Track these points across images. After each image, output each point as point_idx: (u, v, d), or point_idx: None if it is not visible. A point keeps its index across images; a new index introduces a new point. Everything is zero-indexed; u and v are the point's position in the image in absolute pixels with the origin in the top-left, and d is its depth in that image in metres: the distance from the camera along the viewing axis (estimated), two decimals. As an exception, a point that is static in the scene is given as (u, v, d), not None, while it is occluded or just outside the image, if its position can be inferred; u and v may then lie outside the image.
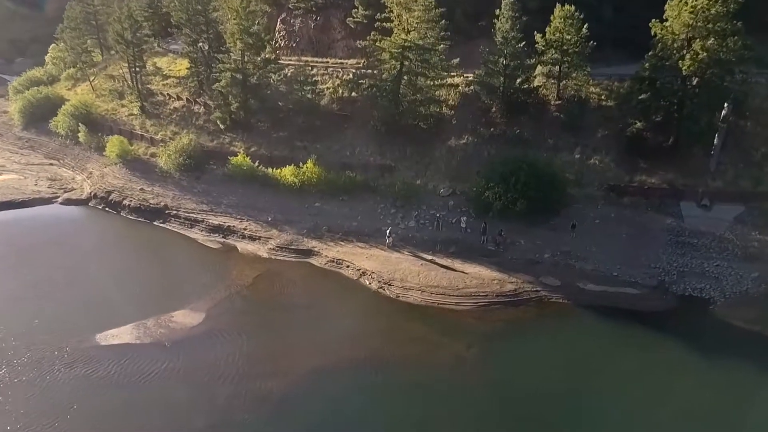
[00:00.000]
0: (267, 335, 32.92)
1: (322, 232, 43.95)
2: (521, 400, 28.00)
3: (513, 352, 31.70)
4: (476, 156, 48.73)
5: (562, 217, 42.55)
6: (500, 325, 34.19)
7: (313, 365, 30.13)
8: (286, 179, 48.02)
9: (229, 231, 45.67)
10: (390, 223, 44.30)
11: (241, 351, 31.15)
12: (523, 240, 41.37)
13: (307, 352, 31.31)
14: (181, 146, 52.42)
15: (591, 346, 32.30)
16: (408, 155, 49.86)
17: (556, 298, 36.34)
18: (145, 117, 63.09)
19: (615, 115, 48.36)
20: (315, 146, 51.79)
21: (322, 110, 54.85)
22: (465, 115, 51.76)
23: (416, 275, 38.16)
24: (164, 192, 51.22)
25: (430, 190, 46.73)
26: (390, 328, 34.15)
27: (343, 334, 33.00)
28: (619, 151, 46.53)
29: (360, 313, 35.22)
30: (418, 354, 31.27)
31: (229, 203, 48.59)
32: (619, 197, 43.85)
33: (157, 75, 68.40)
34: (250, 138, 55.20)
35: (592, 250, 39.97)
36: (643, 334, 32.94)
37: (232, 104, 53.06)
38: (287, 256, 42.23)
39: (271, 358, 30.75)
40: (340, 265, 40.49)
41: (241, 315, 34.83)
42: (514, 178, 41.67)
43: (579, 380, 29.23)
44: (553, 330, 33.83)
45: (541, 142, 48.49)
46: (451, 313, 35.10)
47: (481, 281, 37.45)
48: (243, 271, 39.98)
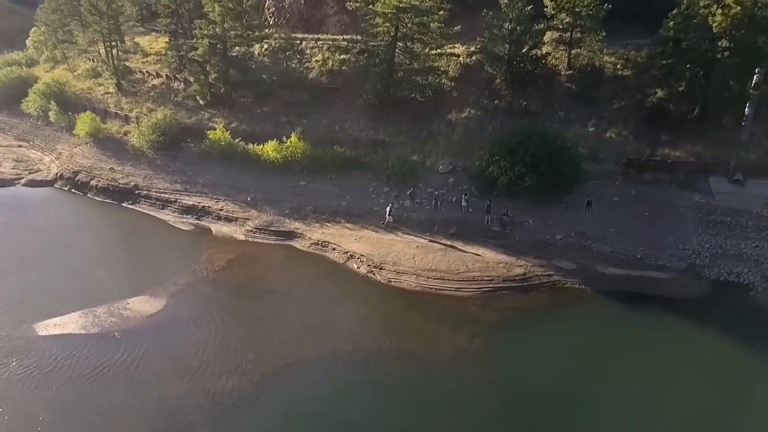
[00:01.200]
0: (234, 325, 28.19)
1: (307, 212, 39.24)
2: (532, 401, 23.37)
3: (523, 345, 27.01)
4: (479, 130, 44.02)
5: (576, 195, 37.77)
6: (507, 313, 29.49)
7: (286, 360, 25.45)
8: (267, 155, 43.31)
9: (204, 212, 40.98)
10: (383, 202, 39.54)
11: (202, 343, 26.45)
12: (531, 220, 36.62)
13: (280, 344, 26.65)
14: (154, 122, 47.68)
15: (613, 337, 27.61)
16: (403, 130, 45.14)
17: (571, 283, 31.61)
18: (121, 95, 58.44)
19: (632, 84, 43.68)
20: (301, 121, 47.07)
21: (311, 83, 50.14)
22: (467, 87, 47.03)
23: (411, 258, 33.45)
24: (135, 171, 46.54)
25: (428, 167, 41.99)
26: (380, 316, 29.44)
27: (325, 323, 28.32)
28: (638, 123, 41.87)
29: (345, 300, 30.48)
30: (413, 347, 26.60)
31: (205, 182, 43.90)
32: (640, 173, 39.11)
33: (137, 53, 63.79)
34: (232, 114, 50.51)
35: (610, 230, 35.20)
36: (673, 324, 28.19)
37: (211, 74, 48.27)
38: (266, 238, 37.51)
39: (235, 351, 25.98)
40: (325, 248, 35.77)
41: (207, 302, 30.10)
42: (522, 150, 36.91)
43: (599, 378, 24.61)
44: (569, 319, 29.12)
45: (550, 114, 43.79)
46: (450, 300, 30.41)
47: (485, 264, 32.74)
48: (215, 255, 35.25)
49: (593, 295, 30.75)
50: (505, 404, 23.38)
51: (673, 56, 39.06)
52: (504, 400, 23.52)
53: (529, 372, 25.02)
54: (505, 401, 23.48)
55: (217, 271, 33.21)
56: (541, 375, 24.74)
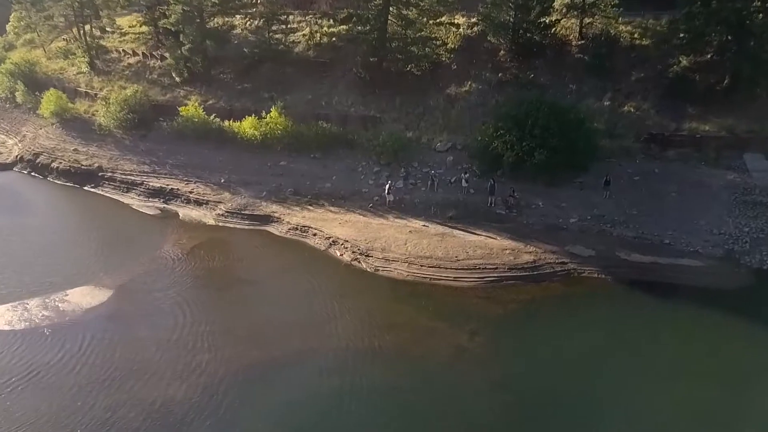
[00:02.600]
0: (190, 320, 23.63)
1: (286, 194, 34.72)
2: (542, 409, 19.01)
3: (532, 344, 22.49)
4: (481, 105, 39.43)
5: (591, 174, 33.15)
6: (514, 306, 24.95)
7: (249, 362, 20.98)
8: (244, 133, 38.80)
9: (172, 195, 36.49)
10: (372, 183, 35.04)
11: (147, 341, 22.03)
12: (541, 201, 32.06)
13: (244, 343, 22.15)
14: (122, 99, 43.16)
15: (639, 335, 23.07)
16: (397, 105, 40.56)
17: (589, 272, 27.06)
18: (94, 74, 53.93)
19: (652, 54, 39.11)
20: (285, 97, 42.45)
21: (296, 57, 45.62)
22: (467, 59, 42.43)
23: (402, 244, 28.94)
24: (101, 152, 42.07)
25: (424, 145, 37.42)
26: (364, 310, 24.88)
27: (299, 319, 23.84)
28: (660, 95, 37.23)
29: (324, 291, 25.96)
30: (403, 346, 22.16)
31: (176, 163, 39.40)
32: (663, 149, 34.50)
33: (114, 32, 59.39)
34: (210, 91, 45.85)
35: (632, 212, 30.63)
36: (708, 320, 23.66)
37: (185, 45, 43.74)
38: (239, 223, 33.01)
39: (188, 352, 21.50)
40: (305, 233, 31.26)
41: (160, 293, 25.59)
42: (530, 122, 32.32)
43: (622, 383, 20.12)
44: (587, 313, 24.59)
45: (560, 87, 39.17)
46: (448, 291, 25.90)
47: (489, 251, 28.20)
48: (178, 241, 30.79)
49: (615, 286, 26.19)
50: (509, 413, 18.89)
51: (701, 17, 34.45)
52: (508, 409, 19.02)
53: (540, 376, 20.52)
54: (509, 410, 18.98)
55: (179, 259, 28.72)
56: (554, 379, 20.24)
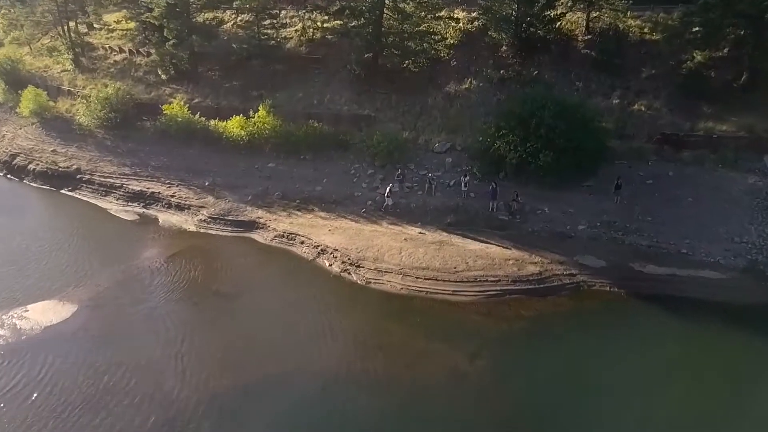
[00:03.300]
0: (160, 340, 21.37)
1: (273, 198, 32.46)
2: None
3: (540, 368, 20.21)
4: (482, 104, 37.16)
5: (600, 177, 30.93)
6: (519, 325, 22.69)
7: (221, 388, 18.70)
8: (231, 133, 36.53)
9: (152, 199, 34.21)
10: (365, 187, 32.79)
11: (112, 365, 19.76)
12: (547, 207, 29.79)
13: (217, 367, 19.87)
14: (103, 97, 40.90)
15: (658, 356, 20.89)
16: (393, 104, 38.29)
17: (600, 285, 24.80)
18: (78, 72, 51.70)
19: (663, 50, 36.84)
20: (275, 95, 40.21)
21: (287, 53, 43.34)
22: (468, 55, 40.17)
23: (397, 253, 26.66)
24: (80, 153, 39.80)
25: (421, 146, 35.15)
26: (353, 328, 22.56)
27: (279, 338, 21.58)
28: (673, 93, 34.96)
29: (309, 306, 23.68)
30: (394, 370, 19.91)
31: (158, 165, 37.12)
32: (677, 151, 32.22)
33: (102, 29, 57.24)
34: (197, 89, 43.62)
35: (646, 219, 28.37)
36: (734, 339, 21.51)
37: (169, 40, 41.47)
38: (221, 229, 30.74)
39: (155, 377, 19.23)
40: (291, 241, 28.98)
41: (131, 309, 23.32)
42: (535, 122, 30.06)
43: (642, 411, 17.88)
44: (600, 332, 22.28)
45: (566, 85, 36.88)
46: (446, 306, 23.62)
47: (490, 261, 25.92)
48: (155, 249, 28.53)
49: (629, 301, 23.95)
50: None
51: (718, 9, 32.17)
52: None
53: (548, 406, 18.28)
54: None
55: (153, 270, 26.44)
56: (564, 410, 18.00)
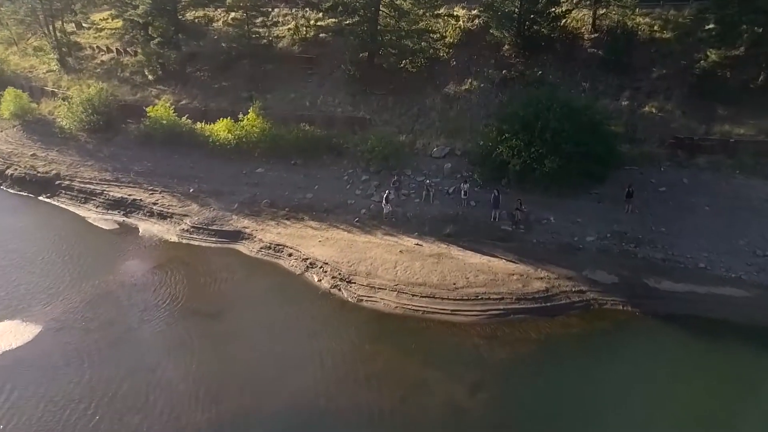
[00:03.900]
0: (128, 368, 19.37)
1: (261, 207, 30.49)
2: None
3: (548, 399, 18.20)
4: (483, 105, 35.23)
5: (610, 185, 28.95)
6: (525, 349, 20.67)
7: (189, 425, 16.66)
8: (218, 136, 34.57)
9: (134, 206, 32.22)
10: (359, 194, 30.81)
11: (74, 397, 17.79)
12: (553, 216, 27.82)
13: (187, 399, 17.87)
14: (85, 98, 38.96)
15: (678, 383, 18.90)
16: (390, 106, 36.36)
17: (612, 303, 22.79)
18: (63, 72, 49.79)
19: (675, 49, 34.94)
20: (265, 97, 38.28)
21: (280, 53, 41.44)
22: (468, 54, 38.22)
23: (391, 267, 24.67)
24: (61, 158, 37.83)
25: (419, 150, 33.20)
26: (341, 354, 20.53)
27: (258, 365, 19.56)
28: (685, 95, 33.02)
29: (293, 328, 21.68)
30: (385, 404, 17.90)
31: (141, 170, 35.15)
32: (692, 156, 30.26)
33: (90, 28, 55.36)
34: (185, 91, 41.73)
35: (659, 230, 26.37)
36: (761, 365, 19.45)
37: (154, 38, 39.52)
38: (205, 239, 28.74)
39: (117, 411, 17.22)
40: (279, 253, 26.98)
41: (99, 332, 21.29)
42: (540, 125, 28.09)
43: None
44: (613, 357, 20.30)
45: (572, 86, 34.91)
46: (444, 328, 21.61)
47: (493, 276, 23.91)
48: (133, 263, 26.52)
49: (644, 321, 21.93)
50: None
51: (734, 5, 30.22)
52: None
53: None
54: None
55: (128, 285, 24.44)
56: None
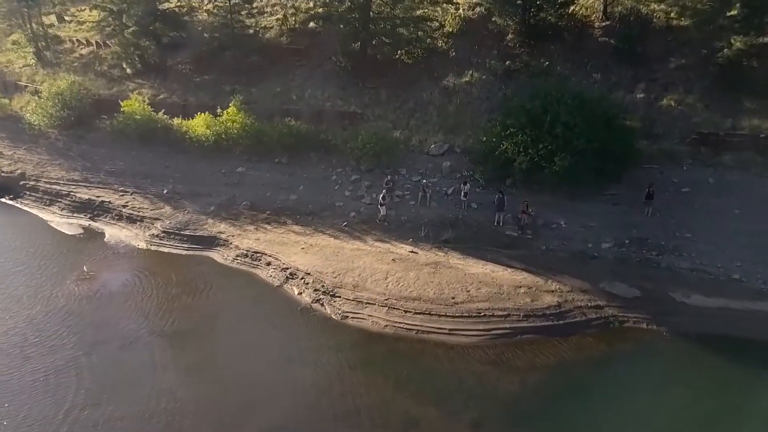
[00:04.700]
0: (70, 403, 16.44)
1: (240, 209, 27.61)
2: None
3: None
4: (485, 99, 32.35)
5: (626, 185, 26.09)
6: (535, 377, 17.69)
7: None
8: (195, 132, 31.68)
9: (102, 209, 29.34)
10: (348, 195, 27.92)
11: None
12: (564, 220, 24.91)
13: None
14: (55, 93, 36.11)
15: (718, 422, 15.90)
16: (383, 100, 33.47)
17: (634, 321, 19.86)
18: (40, 67, 46.99)
19: (694, 37, 32.03)
20: (249, 90, 35.43)
21: (266, 44, 38.62)
22: (469, 44, 35.35)
23: (382, 279, 21.73)
24: (28, 156, 34.98)
25: (415, 147, 30.30)
26: (322, 384, 17.54)
27: (222, 397, 16.59)
28: (707, 86, 30.17)
29: (268, 351, 18.75)
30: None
31: (113, 170, 32.30)
32: (717, 153, 27.37)
33: (72, 21, 52.73)
34: (164, 84, 38.89)
35: (684, 236, 23.46)
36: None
37: (129, 27, 36.63)
38: (176, 246, 25.81)
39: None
40: (256, 262, 24.04)
41: (40, 358, 18.31)
42: (549, 119, 25.19)
43: None
44: (639, 386, 17.34)
45: (581, 77, 32.00)
46: (441, 351, 18.66)
47: (497, 289, 20.97)
48: (92, 273, 23.55)
49: (673, 342, 18.99)
50: None
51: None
52: None
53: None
54: None
55: (81, 301, 21.45)
56: None
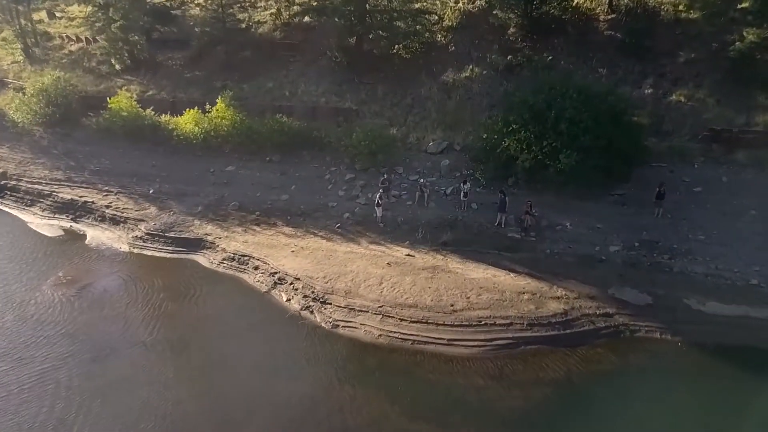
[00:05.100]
0: (36, 418, 15.11)
1: (228, 210, 26.26)
2: None
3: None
4: (486, 95, 31.07)
5: (635, 184, 24.76)
6: (540, 393, 16.32)
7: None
8: (183, 130, 30.35)
9: (84, 210, 27.99)
10: (342, 195, 26.59)
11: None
12: (569, 222, 23.56)
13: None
14: (39, 89, 34.79)
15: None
16: (380, 96, 32.16)
17: (647, 330, 18.50)
18: (28, 63, 45.70)
19: (704, 30, 30.76)
20: (241, 86, 34.13)
21: (259, 39, 37.36)
22: (469, 38, 34.04)
23: (376, 284, 20.39)
24: (11, 155, 33.63)
25: (412, 145, 28.99)
26: (308, 400, 16.20)
27: (200, 415, 15.25)
28: (719, 81, 28.87)
29: (252, 363, 17.40)
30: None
31: (97, 169, 30.96)
32: (730, 150, 26.07)
33: (63, 17, 51.51)
34: (154, 81, 37.59)
35: (698, 238, 22.11)
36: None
37: (115, 21, 35.32)
38: (160, 249, 24.45)
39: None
40: (243, 266, 22.70)
41: (6, 373, 17.03)
42: (553, 114, 23.83)
43: None
44: (653, 401, 15.98)
45: (587, 72, 30.74)
46: (439, 364, 17.31)
47: (499, 296, 19.63)
48: (69, 278, 22.23)
49: (689, 353, 17.63)
50: None
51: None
52: None
53: None
54: None
55: (55, 308, 20.11)
56: None
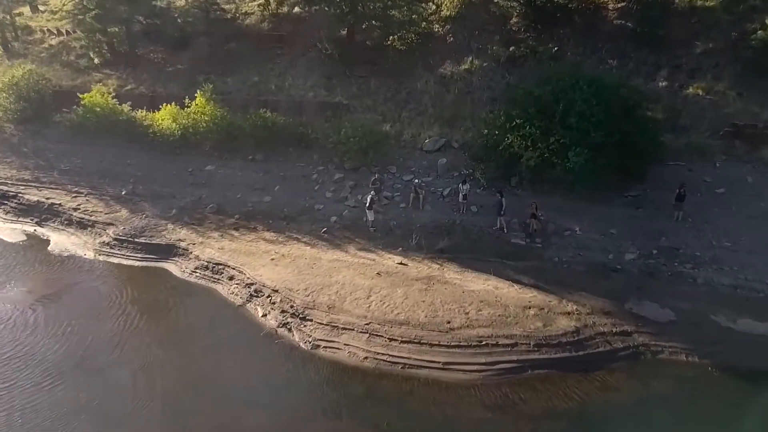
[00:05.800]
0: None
1: (205, 213, 24.03)
2: None
3: None
4: (487, 88, 28.85)
5: (651, 185, 22.54)
6: (549, 425, 14.08)
7: None
8: (160, 126, 28.13)
9: (51, 213, 25.77)
10: (330, 197, 24.36)
11: None
12: (579, 226, 21.29)
13: None
14: (10, 83, 32.61)
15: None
16: (373, 89, 29.96)
17: (671, 352, 16.22)
18: (6, 58, 43.58)
19: (721, 19, 28.56)
20: (224, 80, 31.95)
21: (246, 31, 35.19)
22: (468, 29, 31.82)
23: (364, 297, 18.14)
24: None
25: (407, 142, 26.74)
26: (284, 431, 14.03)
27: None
28: (739, 73, 26.66)
29: (219, 390, 15.16)
30: None
31: (68, 168, 28.79)
32: (754, 147, 23.84)
33: (45, 11, 49.51)
34: (134, 75, 35.43)
35: (723, 244, 19.87)
36: None
37: (90, 10, 33.13)
38: (128, 256, 22.20)
39: None
40: (217, 275, 20.46)
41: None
42: (561, 108, 21.57)
43: None
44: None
45: (595, 63, 28.56)
46: (434, 392, 15.04)
47: (501, 311, 17.37)
48: (23, 289, 20.04)
49: (720, 378, 15.37)
50: None
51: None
52: None
53: None
54: None
55: (2, 321, 17.95)
56: None
